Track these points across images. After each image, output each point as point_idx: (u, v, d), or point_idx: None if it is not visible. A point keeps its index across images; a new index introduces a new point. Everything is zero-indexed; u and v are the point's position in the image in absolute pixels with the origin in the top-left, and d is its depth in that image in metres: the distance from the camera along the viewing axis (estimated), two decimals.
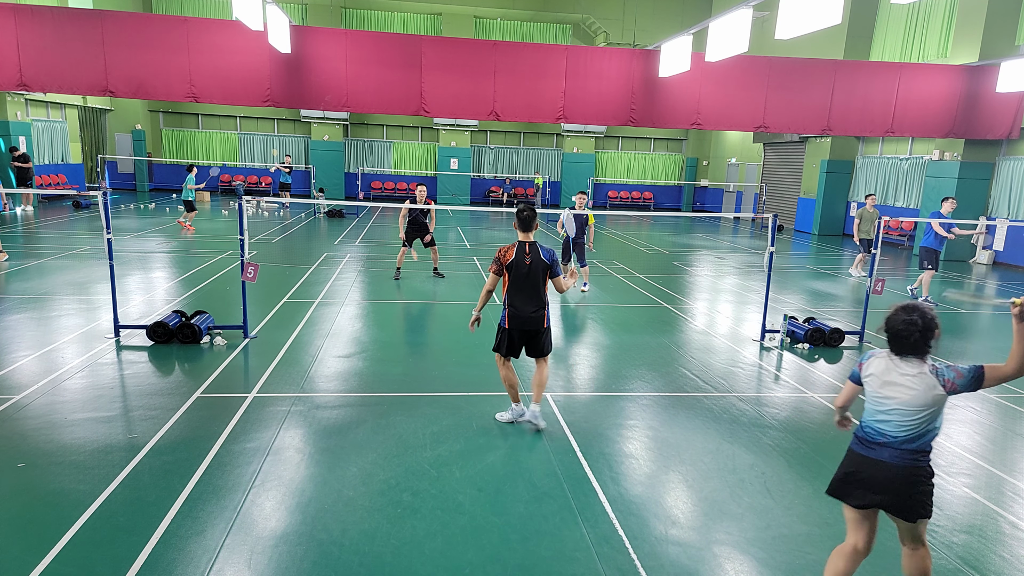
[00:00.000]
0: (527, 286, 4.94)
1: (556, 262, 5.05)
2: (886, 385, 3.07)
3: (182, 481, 4.16)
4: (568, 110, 14.79)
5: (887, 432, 3.07)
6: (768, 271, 8.15)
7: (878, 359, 3.15)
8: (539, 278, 4.96)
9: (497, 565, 3.49)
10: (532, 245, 4.99)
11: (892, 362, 3.08)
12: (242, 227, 7.25)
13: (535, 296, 4.97)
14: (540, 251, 5.00)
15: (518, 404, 5.19)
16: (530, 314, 4.96)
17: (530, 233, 5.04)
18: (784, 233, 22.17)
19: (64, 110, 23.33)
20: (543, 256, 4.99)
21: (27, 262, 11.17)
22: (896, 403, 3.04)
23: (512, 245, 4.99)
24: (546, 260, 4.98)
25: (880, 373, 3.11)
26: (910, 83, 15.35)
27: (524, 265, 4.92)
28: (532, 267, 4.93)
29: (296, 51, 13.70)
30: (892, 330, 3.06)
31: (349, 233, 17.16)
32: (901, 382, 3.03)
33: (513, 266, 4.94)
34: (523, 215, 5.03)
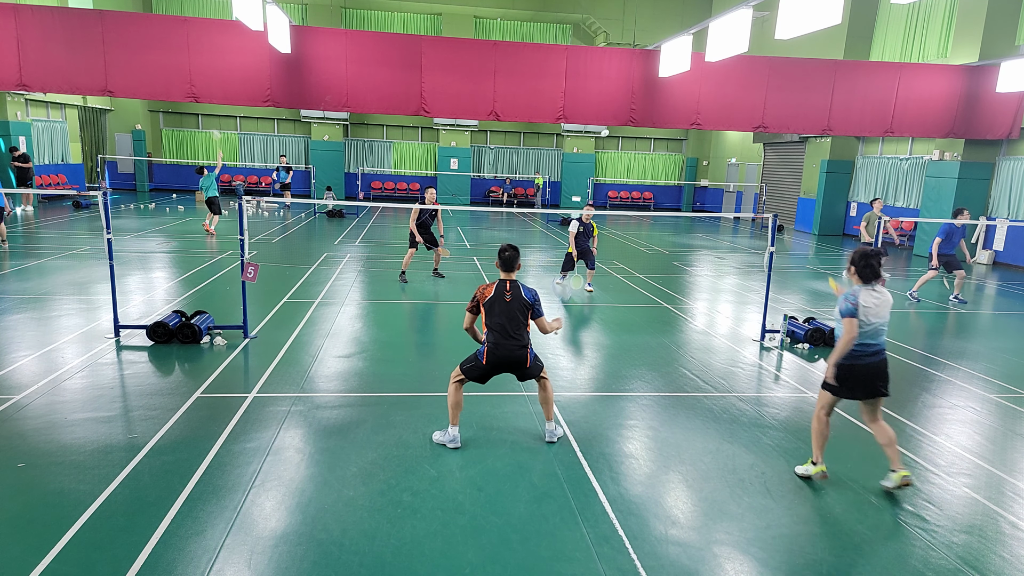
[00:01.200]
0: (508, 321, 4.70)
1: (538, 302, 4.83)
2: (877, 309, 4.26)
3: (182, 481, 4.16)
4: (568, 110, 14.79)
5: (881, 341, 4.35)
6: (768, 271, 8.15)
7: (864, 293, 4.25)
8: (520, 314, 4.73)
9: (497, 565, 3.49)
10: (513, 283, 4.79)
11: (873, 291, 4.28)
12: (242, 227, 7.25)
13: (516, 332, 4.72)
14: (522, 289, 4.78)
15: (455, 427, 4.86)
16: (512, 350, 4.72)
17: (512, 273, 4.83)
18: (784, 233, 22.17)
19: (64, 110, 23.34)
20: (524, 295, 4.76)
21: (27, 262, 11.17)
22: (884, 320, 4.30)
23: (492, 284, 4.80)
24: (527, 299, 4.75)
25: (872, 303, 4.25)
26: (910, 83, 15.36)
27: (504, 301, 4.72)
28: (512, 303, 4.71)
29: (296, 51, 13.70)
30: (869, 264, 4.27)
31: (349, 233, 17.16)
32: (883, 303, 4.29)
33: (493, 302, 4.73)
34: (504, 255, 4.80)
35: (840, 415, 5.80)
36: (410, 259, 11.02)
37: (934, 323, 9.83)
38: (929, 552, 3.77)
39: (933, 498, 4.39)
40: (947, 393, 6.57)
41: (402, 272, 10.99)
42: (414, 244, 10.89)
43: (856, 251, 4.35)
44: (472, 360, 4.84)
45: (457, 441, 4.83)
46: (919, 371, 7.24)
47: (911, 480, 4.32)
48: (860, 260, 4.27)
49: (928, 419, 5.85)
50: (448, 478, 4.37)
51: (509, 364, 4.77)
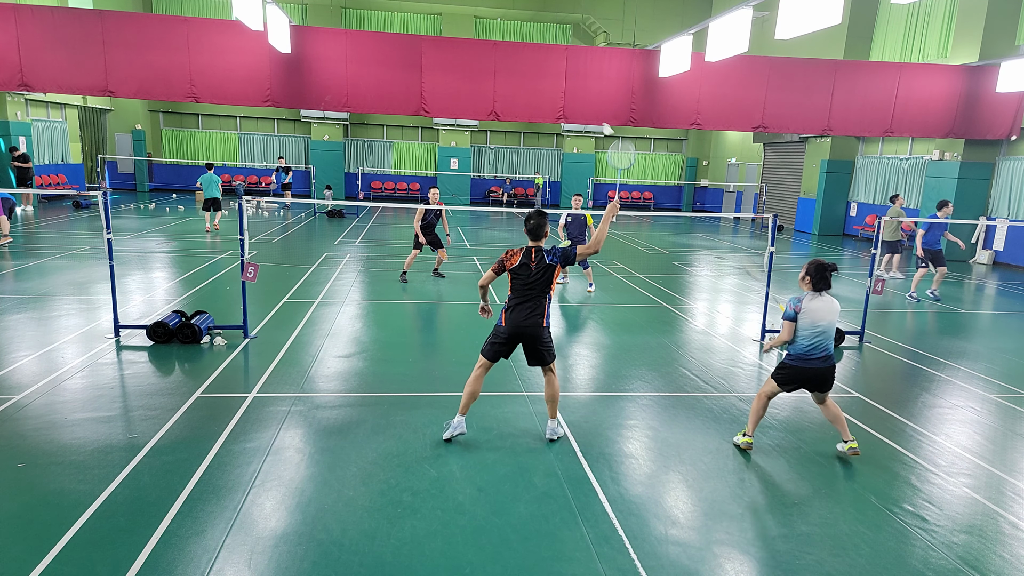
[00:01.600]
0: (528, 291, 4.80)
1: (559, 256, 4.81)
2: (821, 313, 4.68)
3: (182, 481, 4.16)
4: (568, 110, 14.79)
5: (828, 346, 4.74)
6: (768, 271, 8.15)
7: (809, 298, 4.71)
8: (542, 283, 4.80)
9: (497, 565, 3.49)
10: (539, 251, 4.82)
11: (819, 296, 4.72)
12: (242, 227, 7.25)
13: (534, 301, 4.81)
14: (545, 256, 4.80)
15: (463, 416, 4.91)
16: (530, 316, 4.81)
17: (540, 241, 4.87)
18: (784, 233, 22.17)
19: (64, 110, 23.34)
20: (547, 260, 4.79)
21: (27, 262, 11.17)
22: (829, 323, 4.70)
23: (519, 249, 4.86)
24: (549, 261, 4.79)
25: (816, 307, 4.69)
26: (910, 83, 15.36)
27: (528, 268, 4.79)
28: (536, 272, 4.78)
29: (296, 51, 13.70)
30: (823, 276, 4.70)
31: (349, 233, 17.16)
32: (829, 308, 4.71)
33: (518, 269, 4.81)
34: (530, 223, 4.84)
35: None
36: (413, 260, 11.00)
37: (934, 323, 9.83)
38: (929, 552, 3.77)
39: (933, 498, 4.39)
40: (947, 393, 6.57)
41: (403, 272, 10.98)
42: (418, 245, 10.86)
43: (812, 262, 4.69)
44: (492, 335, 4.92)
45: (454, 429, 4.87)
46: (919, 371, 7.24)
47: (858, 451, 4.84)
48: (816, 272, 4.66)
49: (928, 419, 5.85)
50: (448, 478, 4.37)
51: (525, 333, 4.81)
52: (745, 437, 4.98)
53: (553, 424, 5.09)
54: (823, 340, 4.67)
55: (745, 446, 4.94)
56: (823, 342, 4.67)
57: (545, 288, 4.84)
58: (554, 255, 4.83)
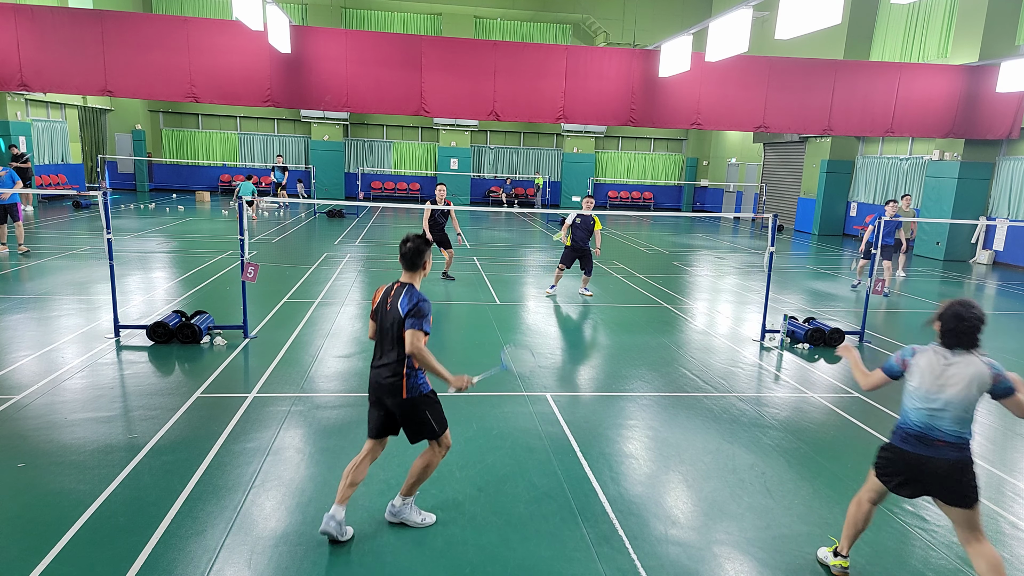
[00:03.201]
0: (382, 339, 3.64)
1: (415, 314, 3.49)
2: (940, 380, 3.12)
3: (182, 481, 4.16)
4: (568, 110, 14.79)
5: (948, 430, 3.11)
6: (768, 271, 8.15)
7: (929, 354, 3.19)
8: (394, 330, 3.54)
9: (497, 565, 3.49)
10: (400, 288, 3.62)
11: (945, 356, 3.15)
12: (242, 227, 7.25)
13: (387, 353, 3.59)
14: (402, 295, 3.56)
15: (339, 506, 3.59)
16: (382, 377, 3.61)
17: (415, 274, 3.67)
18: (784, 233, 22.17)
19: (64, 110, 23.33)
20: (399, 302, 3.54)
21: (27, 262, 11.16)
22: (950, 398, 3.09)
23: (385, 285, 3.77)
24: (399, 308, 3.52)
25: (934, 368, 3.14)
26: (910, 83, 15.36)
27: (384, 311, 3.62)
28: (389, 314, 3.57)
29: (296, 51, 13.70)
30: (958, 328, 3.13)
31: (349, 233, 17.16)
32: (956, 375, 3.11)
33: (376, 312, 3.69)
34: (404, 249, 3.66)
35: (840, 415, 5.81)
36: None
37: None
38: (929, 552, 3.77)
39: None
40: None
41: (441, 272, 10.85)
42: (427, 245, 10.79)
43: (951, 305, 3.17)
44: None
45: (333, 527, 3.53)
46: None
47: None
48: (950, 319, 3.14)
49: None
50: (448, 478, 4.37)
51: (382, 395, 3.63)
52: (838, 559, 3.50)
53: (399, 502, 3.80)
54: (945, 419, 3.09)
55: (838, 572, 3.48)
56: (943, 423, 3.09)
57: (395, 338, 3.54)
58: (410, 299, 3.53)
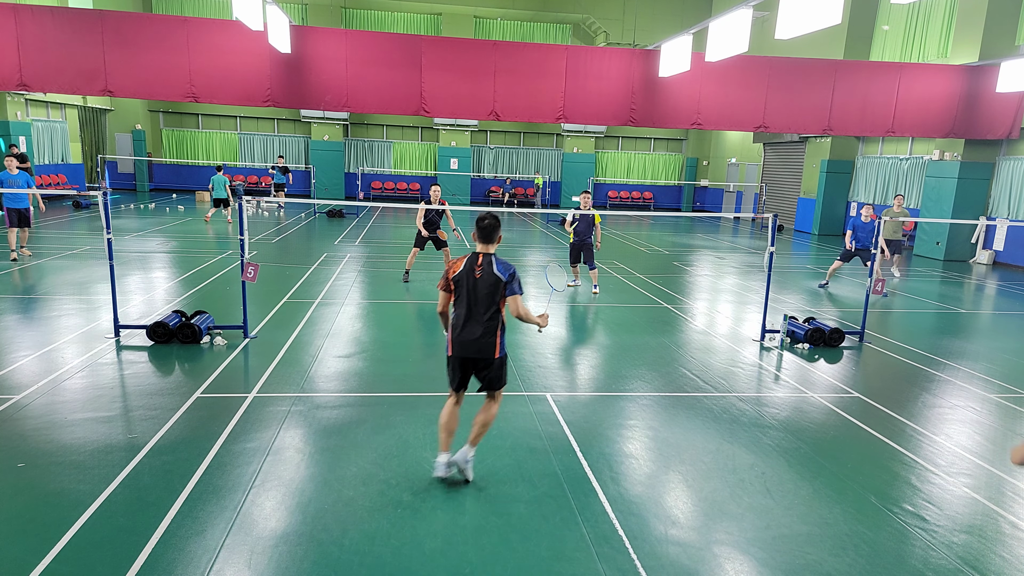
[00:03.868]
0: (473, 305, 4.10)
1: (514, 279, 4.11)
2: None
3: (182, 481, 4.16)
4: (568, 110, 14.79)
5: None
6: (768, 271, 8.15)
7: None
8: (488, 296, 4.07)
9: (497, 565, 3.49)
10: (486, 256, 4.13)
11: None
12: (242, 227, 7.25)
13: (482, 318, 4.08)
14: (494, 264, 4.10)
15: (446, 452, 4.24)
16: (476, 336, 4.09)
17: (491, 245, 4.17)
18: (784, 233, 22.17)
19: (64, 110, 23.33)
20: (496, 269, 4.08)
21: (27, 262, 11.16)
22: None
23: (463, 257, 4.21)
24: (499, 275, 4.06)
25: None
26: (910, 83, 15.36)
27: (472, 279, 4.08)
28: (481, 281, 4.06)
29: (296, 51, 13.70)
30: None
31: (349, 233, 17.16)
32: None
33: (460, 279, 4.10)
34: (483, 224, 4.17)
35: (840, 414, 5.81)
36: (414, 259, 10.95)
37: (934, 323, 9.83)
38: (929, 552, 3.77)
39: (933, 498, 4.39)
40: (947, 393, 6.57)
41: (406, 272, 10.96)
42: (419, 243, 10.79)
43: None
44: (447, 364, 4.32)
45: (443, 470, 4.21)
46: (919, 371, 7.24)
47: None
48: None
49: (928, 419, 5.85)
50: (448, 478, 4.37)
51: (474, 355, 4.13)
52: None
53: (467, 451, 4.27)
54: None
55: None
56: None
57: (493, 302, 4.09)
58: (507, 267, 4.13)
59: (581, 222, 10.28)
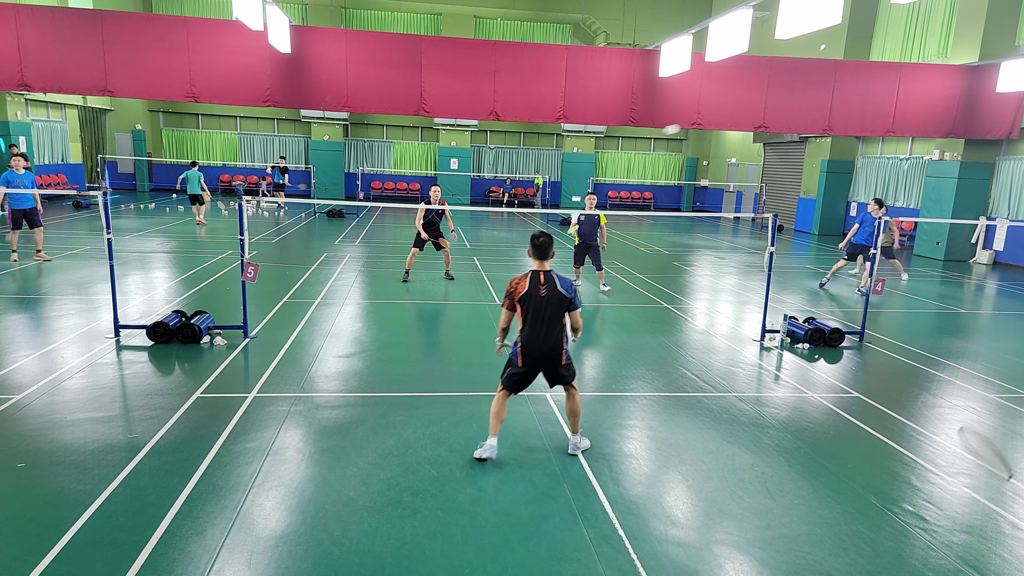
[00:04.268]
0: (542, 317, 4.48)
1: (577, 295, 4.61)
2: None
3: (182, 481, 4.16)
4: (568, 110, 14.79)
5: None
6: (768, 271, 8.15)
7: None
8: (555, 309, 4.49)
9: (497, 565, 3.49)
10: (547, 275, 4.52)
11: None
12: (242, 227, 7.25)
13: (551, 330, 4.51)
14: (557, 281, 4.50)
15: (494, 437, 4.64)
16: (546, 349, 4.52)
17: (545, 262, 4.57)
18: (784, 233, 22.16)
19: (64, 110, 23.33)
20: (560, 287, 4.49)
21: (27, 262, 11.17)
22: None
23: (524, 275, 4.56)
24: (563, 291, 4.49)
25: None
26: (910, 83, 15.36)
27: (538, 297, 4.47)
28: (547, 299, 4.47)
29: (296, 51, 13.70)
30: None
31: (349, 233, 17.16)
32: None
33: (527, 297, 4.49)
34: (538, 242, 4.55)
35: (840, 414, 5.81)
36: (413, 259, 10.94)
37: (934, 323, 9.83)
38: (929, 552, 3.77)
39: (933, 498, 4.39)
40: (947, 393, 6.57)
41: (406, 272, 10.94)
42: (418, 244, 10.78)
43: None
44: (507, 366, 4.68)
45: (491, 451, 4.57)
46: (919, 371, 7.24)
47: None
48: None
49: (928, 419, 5.85)
50: (448, 478, 4.37)
51: (543, 363, 4.57)
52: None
53: (576, 439, 4.81)
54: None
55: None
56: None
57: (559, 316, 4.52)
58: (569, 285, 4.57)
59: (585, 223, 10.27)
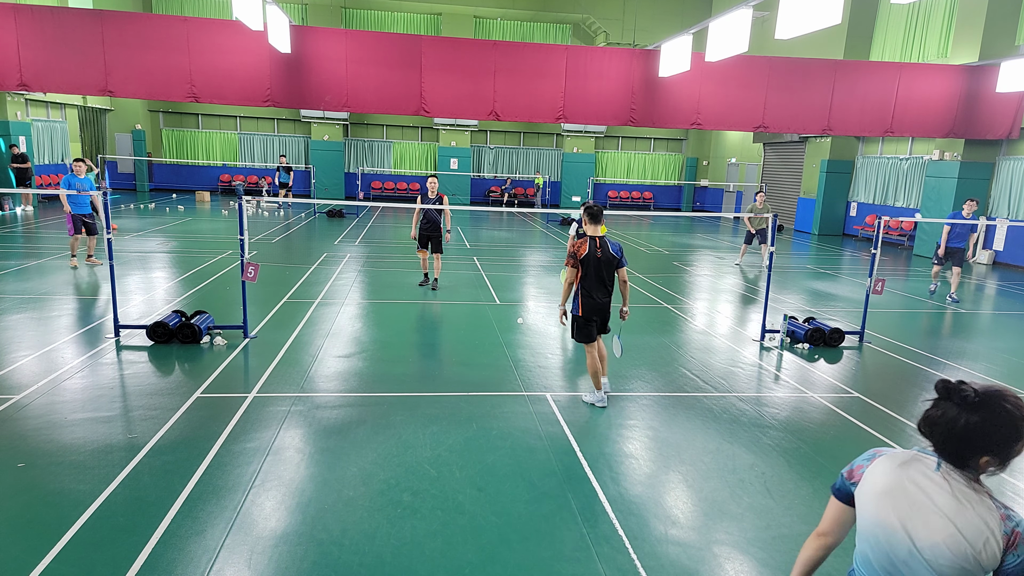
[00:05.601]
0: (599, 275, 5.49)
1: (623, 255, 5.59)
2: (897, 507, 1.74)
3: (182, 481, 4.16)
4: (568, 110, 14.79)
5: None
6: (768, 271, 8.15)
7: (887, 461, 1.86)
8: (608, 268, 5.51)
9: (497, 565, 3.49)
10: (602, 240, 5.50)
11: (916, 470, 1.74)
12: (242, 227, 7.25)
13: (607, 284, 5.55)
14: (610, 246, 5.50)
15: (599, 391, 5.76)
16: (604, 301, 5.59)
17: (599, 227, 5.55)
18: (784, 233, 22.16)
19: (64, 110, 23.33)
20: (612, 251, 5.50)
21: (27, 262, 11.16)
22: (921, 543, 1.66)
23: (584, 240, 5.49)
24: (614, 254, 5.51)
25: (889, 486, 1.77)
26: (910, 83, 15.36)
27: (595, 258, 5.46)
28: (602, 259, 5.46)
29: (296, 51, 13.70)
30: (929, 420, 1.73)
31: (349, 233, 17.16)
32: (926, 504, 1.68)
33: (588, 259, 5.45)
34: (593, 210, 5.59)
35: (840, 415, 5.81)
36: (426, 260, 10.53)
37: (934, 323, 9.83)
38: None
39: None
40: None
41: (424, 275, 10.63)
42: (422, 243, 10.33)
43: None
44: (573, 325, 5.68)
45: (604, 401, 5.73)
46: (919, 371, 7.24)
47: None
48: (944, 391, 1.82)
49: None
50: (448, 478, 4.37)
51: (600, 312, 5.60)
52: None
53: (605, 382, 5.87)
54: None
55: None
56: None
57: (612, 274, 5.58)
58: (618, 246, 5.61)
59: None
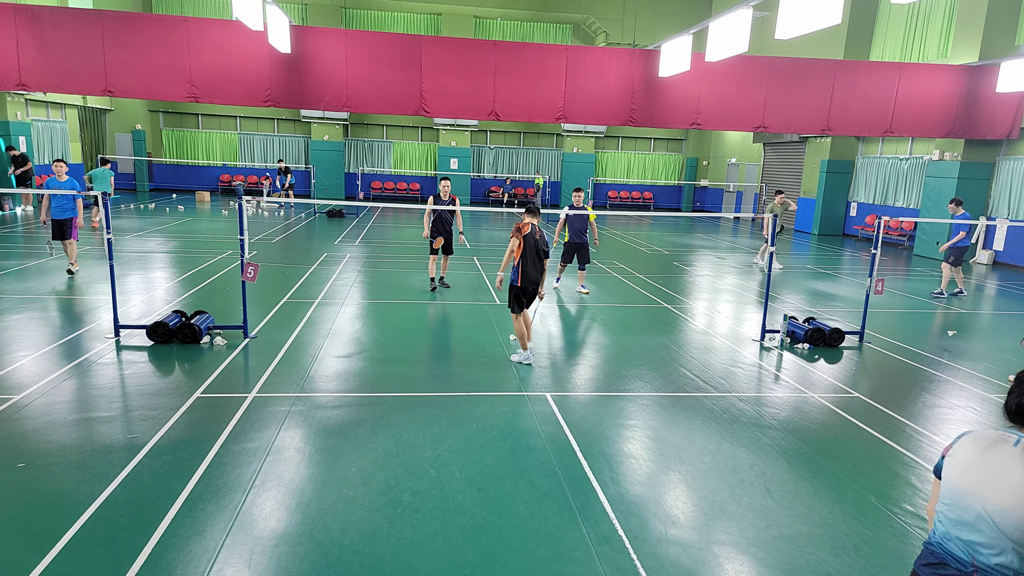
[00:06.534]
0: (535, 255, 6.70)
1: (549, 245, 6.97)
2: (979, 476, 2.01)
3: (182, 481, 4.16)
4: (568, 110, 14.79)
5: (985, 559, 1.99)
6: (768, 271, 8.15)
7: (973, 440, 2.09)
8: (540, 250, 6.73)
9: (497, 565, 3.49)
10: (535, 226, 6.78)
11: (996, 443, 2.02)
12: (242, 227, 7.25)
13: (540, 261, 6.75)
14: (544, 233, 6.80)
15: (524, 351, 6.85)
16: (535, 276, 6.74)
17: (536, 218, 6.86)
18: (784, 233, 22.16)
19: (64, 110, 23.32)
20: (545, 239, 6.82)
21: (27, 262, 11.16)
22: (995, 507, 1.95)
23: (526, 223, 6.72)
24: (547, 242, 6.85)
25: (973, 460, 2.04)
26: (910, 83, 15.36)
27: (534, 239, 6.70)
28: (540, 240, 6.74)
29: (296, 51, 13.70)
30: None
31: (349, 233, 17.16)
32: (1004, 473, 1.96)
33: (528, 238, 6.64)
34: (532, 208, 6.92)
35: (840, 415, 5.81)
36: (434, 264, 10.40)
37: (934, 323, 9.83)
38: None
39: None
40: (947, 393, 6.57)
41: (440, 278, 10.54)
42: (434, 251, 10.18)
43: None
44: (510, 293, 6.81)
45: (530, 359, 6.86)
46: (919, 371, 7.24)
47: None
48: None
49: (928, 419, 5.85)
50: (448, 478, 4.37)
51: (533, 283, 6.75)
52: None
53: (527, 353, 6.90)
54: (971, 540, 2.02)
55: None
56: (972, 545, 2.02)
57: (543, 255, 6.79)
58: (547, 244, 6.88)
59: (576, 220, 10.24)
